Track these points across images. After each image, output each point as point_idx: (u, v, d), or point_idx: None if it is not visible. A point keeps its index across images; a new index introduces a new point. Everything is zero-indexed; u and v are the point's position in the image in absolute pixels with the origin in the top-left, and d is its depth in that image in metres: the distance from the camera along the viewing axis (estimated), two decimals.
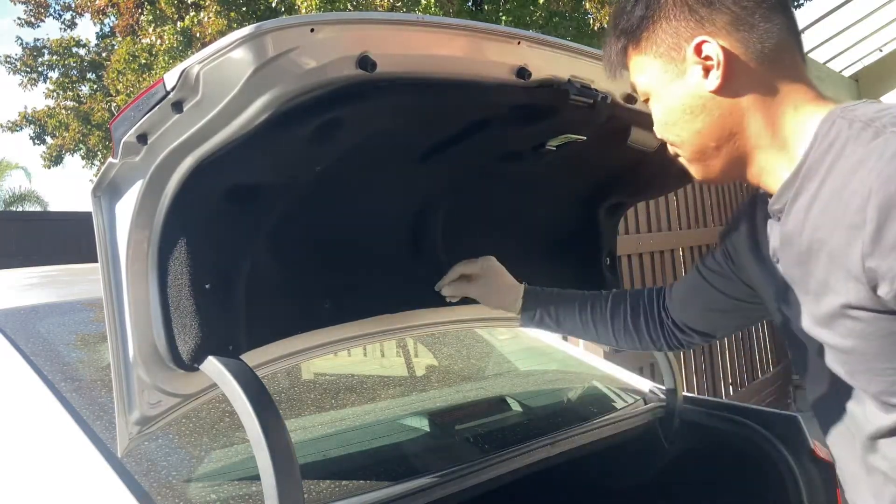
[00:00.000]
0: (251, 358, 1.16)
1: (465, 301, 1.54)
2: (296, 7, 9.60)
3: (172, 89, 0.92)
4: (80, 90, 16.23)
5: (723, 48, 0.91)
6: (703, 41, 0.91)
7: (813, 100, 0.92)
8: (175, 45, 11.57)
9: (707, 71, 0.92)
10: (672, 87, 0.96)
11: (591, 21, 10.86)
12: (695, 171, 1.02)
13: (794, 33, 0.94)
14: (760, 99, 0.92)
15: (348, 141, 1.09)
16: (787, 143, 0.92)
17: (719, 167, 0.98)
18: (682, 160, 1.02)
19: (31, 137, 16.10)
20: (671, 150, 1.03)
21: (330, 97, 0.97)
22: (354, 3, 9.61)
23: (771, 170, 0.94)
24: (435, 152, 1.28)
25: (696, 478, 1.82)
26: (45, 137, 16.21)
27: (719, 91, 0.92)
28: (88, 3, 14.32)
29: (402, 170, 1.32)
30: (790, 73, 0.93)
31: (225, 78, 0.91)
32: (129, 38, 13.53)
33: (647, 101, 1.03)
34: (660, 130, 1.02)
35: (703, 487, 1.81)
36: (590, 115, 1.31)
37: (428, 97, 1.10)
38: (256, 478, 0.97)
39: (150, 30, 12.30)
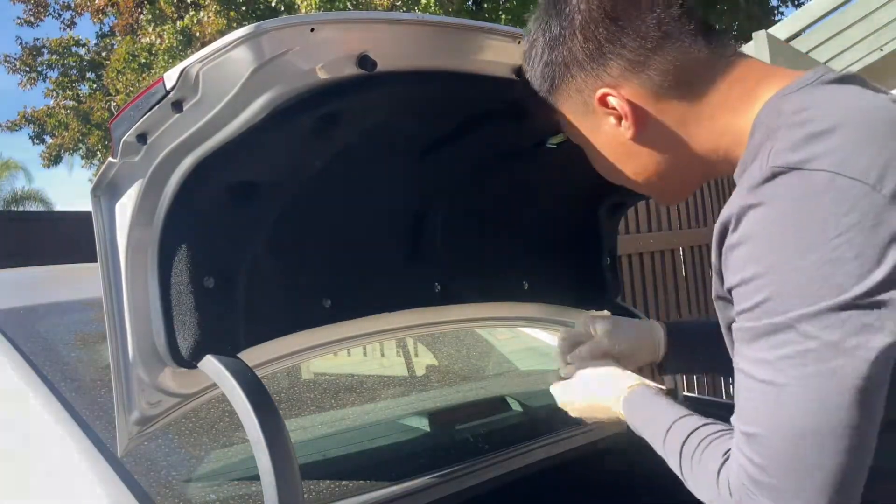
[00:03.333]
0: (251, 357, 1.16)
1: (465, 301, 1.54)
2: (295, 6, 9.62)
3: (172, 89, 0.92)
4: (80, 90, 16.24)
5: (624, 97, 0.87)
6: (605, 94, 0.88)
7: (748, 93, 0.84)
8: (174, 44, 11.59)
9: (619, 120, 0.89)
10: (592, 138, 0.94)
11: None
12: (658, 200, 1.02)
13: (696, 40, 0.86)
14: (687, 123, 0.87)
15: (347, 140, 1.09)
16: (736, 142, 0.84)
17: (679, 189, 0.96)
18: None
19: (31, 137, 16.12)
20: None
21: (330, 97, 0.97)
22: (354, 3, 9.62)
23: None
24: (434, 150, 1.28)
25: None
26: (45, 137, 16.22)
27: (636, 137, 0.89)
28: (88, 3, 14.34)
29: (402, 168, 1.32)
30: (709, 84, 0.86)
31: (225, 77, 0.91)
32: (128, 38, 13.55)
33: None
34: (600, 172, 1.00)
35: None
36: None
37: (427, 95, 1.10)
38: (256, 478, 0.96)
39: (150, 29, 12.33)
